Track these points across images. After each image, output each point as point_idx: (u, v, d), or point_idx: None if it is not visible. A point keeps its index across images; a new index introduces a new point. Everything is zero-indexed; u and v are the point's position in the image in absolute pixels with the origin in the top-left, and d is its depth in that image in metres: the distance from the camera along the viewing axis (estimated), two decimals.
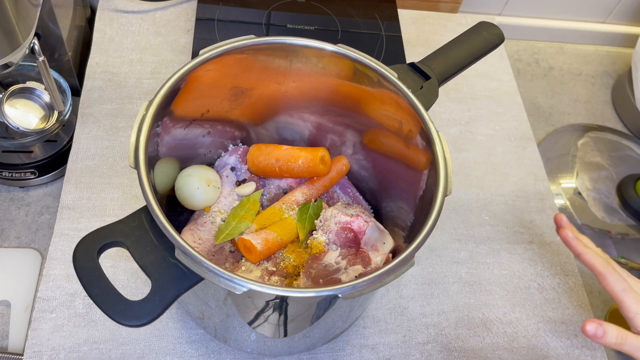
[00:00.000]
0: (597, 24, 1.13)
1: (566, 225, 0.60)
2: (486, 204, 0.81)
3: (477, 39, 0.63)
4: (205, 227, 0.59)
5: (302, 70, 0.59)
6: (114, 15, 0.89)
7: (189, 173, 0.60)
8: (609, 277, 0.56)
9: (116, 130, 0.77)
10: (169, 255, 0.45)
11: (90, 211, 0.69)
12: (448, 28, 1.01)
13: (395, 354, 0.66)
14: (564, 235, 0.59)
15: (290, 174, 0.63)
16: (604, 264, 0.56)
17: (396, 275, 0.45)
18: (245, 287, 0.41)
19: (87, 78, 0.81)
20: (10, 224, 0.71)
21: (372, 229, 0.59)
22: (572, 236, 0.59)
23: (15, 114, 0.68)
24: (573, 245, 0.59)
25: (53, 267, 0.65)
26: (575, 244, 0.58)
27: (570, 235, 0.59)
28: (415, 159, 0.56)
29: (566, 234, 0.59)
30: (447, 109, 0.90)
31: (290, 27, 0.87)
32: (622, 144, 0.97)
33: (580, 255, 0.58)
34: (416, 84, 0.58)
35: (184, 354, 0.62)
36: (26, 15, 0.56)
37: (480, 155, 0.86)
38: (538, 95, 1.04)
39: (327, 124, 0.66)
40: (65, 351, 0.60)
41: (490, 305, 0.72)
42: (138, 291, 0.65)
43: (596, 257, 0.57)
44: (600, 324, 0.53)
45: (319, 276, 0.56)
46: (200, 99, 0.57)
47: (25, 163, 0.72)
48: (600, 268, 0.56)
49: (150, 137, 0.48)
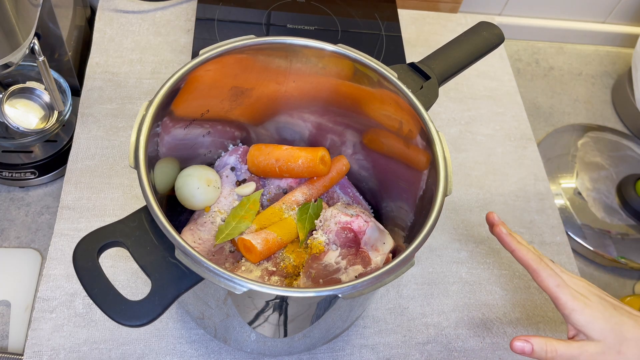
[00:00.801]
0: (597, 24, 1.13)
1: (499, 223, 0.59)
2: (486, 204, 0.81)
3: (477, 39, 0.63)
4: (205, 227, 0.59)
5: (302, 70, 0.59)
6: (114, 15, 0.89)
7: (189, 173, 0.60)
8: (542, 273, 0.54)
9: (116, 130, 0.77)
10: (169, 255, 0.45)
11: (90, 211, 0.69)
12: (448, 28, 1.01)
13: (395, 354, 0.66)
14: (497, 232, 0.58)
15: (290, 174, 0.63)
16: (537, 260, 0.55)
17: (396, 275, 0.45)
18: (245, 287, 0.41)
19: (87, 78, 0.81)
20: (10, 224, 0.71)
21: (372, 229, 0.59)
22: (506, 232, 0.58)
23: (15, 114, 0.68)
24: (507, 241, 0.57)
25: (53, 267, 0.65)
26: (509, 240, 0.57)
27: (504, 232, 0.58)
28: (415, 159, 0.56)
29: (500, 230, 0.58)
30: (447, 109, 0.90)
31: (290, 27, 0.87)
32: (622, 144, 0.97)
33: (514, 252, 0.57)
34: (416, 84, 0.58)
35: (184, 354, 0.62)
36: (26, 15, 0.56)
37: (480, 155, 0.86)
38: (538, 95, 1.04)
39: (327, 124, 0.66)
40: (65, 351, 0.60)
41: (490, 305, 0.72)
42: (138, 291, 0.65)
43: (529, 253, 0.56)
44: (526, 339, 0.52)
45: (319, 276, 0.56)
46: (200, 99, 0.57)
47: (25, 163, 0.72)
48: (534, 264, 0.55)
49: (150, 137, 0.48)
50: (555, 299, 0.54)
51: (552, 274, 0.54)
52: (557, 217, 0.82)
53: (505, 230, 0.58)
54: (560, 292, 0.53)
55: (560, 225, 0.82)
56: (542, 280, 0.54)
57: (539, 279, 0.55)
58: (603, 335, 0.52)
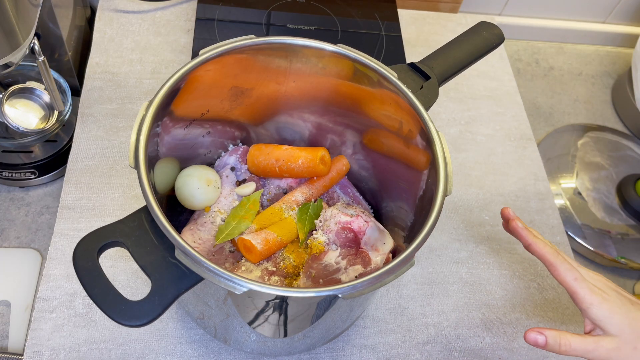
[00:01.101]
0: (597, 24, 1.13)
1: (514, 217, 0.59)
2: (486, 204, 0.81)
3: (477, 39, 0.63)
4: (205, 227, 0.59)
5: (302, 70, 0.59)
6: (114, 15, 0.89)
7: (189, 173, 0.60)
8: (560, 267, 0.54)
9: (116, 130, 0.77)
10: (169, 255, 0.45)
11: (90, 211, 0.69)
12: (448, 28, 1.01)
13: (395, 354, 0.66)
14: (514, 226, 0.58)
15: (290, 174, 0.63)
16: (554, 254, 0.55)
17: (396, 275, 0.45)
18: (245, 287, 0.41)
19: (87, 78, 0.81)
20: (10, 224, 0.71)
21: (372, 229, 0.59)
22: (522, 226, 0.58)
23: (15, 114, 0.68)
24: (523, 235, 0.57)
25: (53, 267, 0.65)
26: (525, 234, 0.57)
27: (520, 226, 0.58)
28: (415, 159, 0.56)
29: (516, 224, 0.58)
30: (447, 109, 0.90)
31: (290, 27, 0.87)
32: (622, 144, 0.97)
33: (530, 246, 0.56)
34: (416, 84, 0.58)
35: (184, 354, 0.62)
36: (26, 15, 0.56)
37: (480, 155, 0.86)
38: (538, 95, 1.04)
39: (327, 124, 0.66)
40: (65, 351, 0.60)
41: (490, 305, 0.72)
42: (138, 291, 0.65)
43: (546, 247, 0.55)
44: (540, 331, 0.52)
45: (319, 276, 0.56)
46: (200, 99, 0.57)
47: (25, 163, 0.72)
48: (551, 258, 0.54)
49: (150, 137, 0.48)
50: (573, 293, 0.53)
51: (570, 268, 0.54)
52: (557, 217, 0.82)
53: (522, 225, 0.58)
54: (578, 285, 0.53)
55: (560, 225, 0.82)
56: (560, 274, 0.54)
57: (556, 273, 0.54)
58: (620, 329, 0.51)
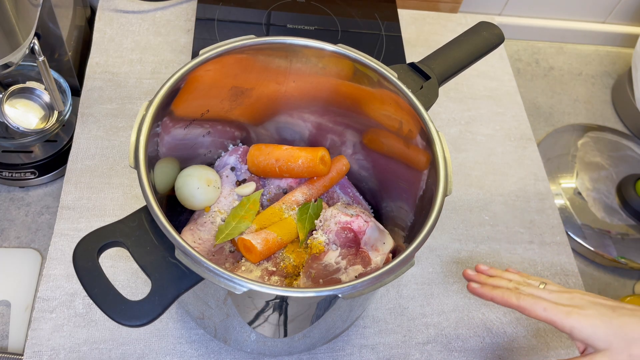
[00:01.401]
0: (597, 24, 1.13)
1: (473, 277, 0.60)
2: (486, 204, 0.81)
3: (477, 39, 0.63)
4: (205, 227, 0.59)
5: (302, 70, 0.59)
6: (114, 15, 0.89)
7: (189, 173, 0.60)
8: (525, 305, 0.53)
9: (116, 130, 0.77)
10: (169, 255, 0.45)
11: (90, 211, 0.69)
12: (448, 28, 1.01)
13: (395, 354, 0.66)
14: (471, 290, 0.58)
15: (290, 174, 0.63)
16: (516, 296, 0.54)
17: (396, 275, 0.45)
18: (245, 287, 0.41)
19: (87, 78, 0.81)
20: (10, 224, 0.71)
21: (372, 229, 0.59)
22: (477, 286, 0.58)
23: (15, 114, 0.68)
24: (483, 293, 0.57)
25: (53, 267, 0.65)
26: (483, 292, 0.57)
27: (476, 287, 0.58)
28: (415, 159, 0.56)
29: (472, 287, 0.58)
30: (447, 109, 0.90)
31: (290, 27, 0.87)
32: (622, 144, 0.97)
33: (494, 300, 0.56)
34: (416, 84, 0.58)
35: (184, 354, 0.62)
36: (26, 15, 0.56)
37: (480, 155, 0.86)
38: (538, 95, 1.04)
39: (327, 124, 0.65)
40: (65, 351, 0.60)
41: (490, 305, 0.72)
42: (138, 291, 0.65)
43: (506, 292, 0.55)
44: None
45: (319, 276, 0.56)
46: (200, 99, 0.57)
47: (25, 163, 0.72)
48: (515, 301, 0.54)
49: (150, 137, 0.48)
50: (551, 323, 0.53)
51: (535, 302, 0.53)
52: (557, 217, 0.82)
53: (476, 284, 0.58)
54: (551, 314, 0.52)
55: (560, 225, 0.82)
56: (530, 312, 0.54)
57: (526, 312, 0.54)
58: (608, 342, 0.51)
